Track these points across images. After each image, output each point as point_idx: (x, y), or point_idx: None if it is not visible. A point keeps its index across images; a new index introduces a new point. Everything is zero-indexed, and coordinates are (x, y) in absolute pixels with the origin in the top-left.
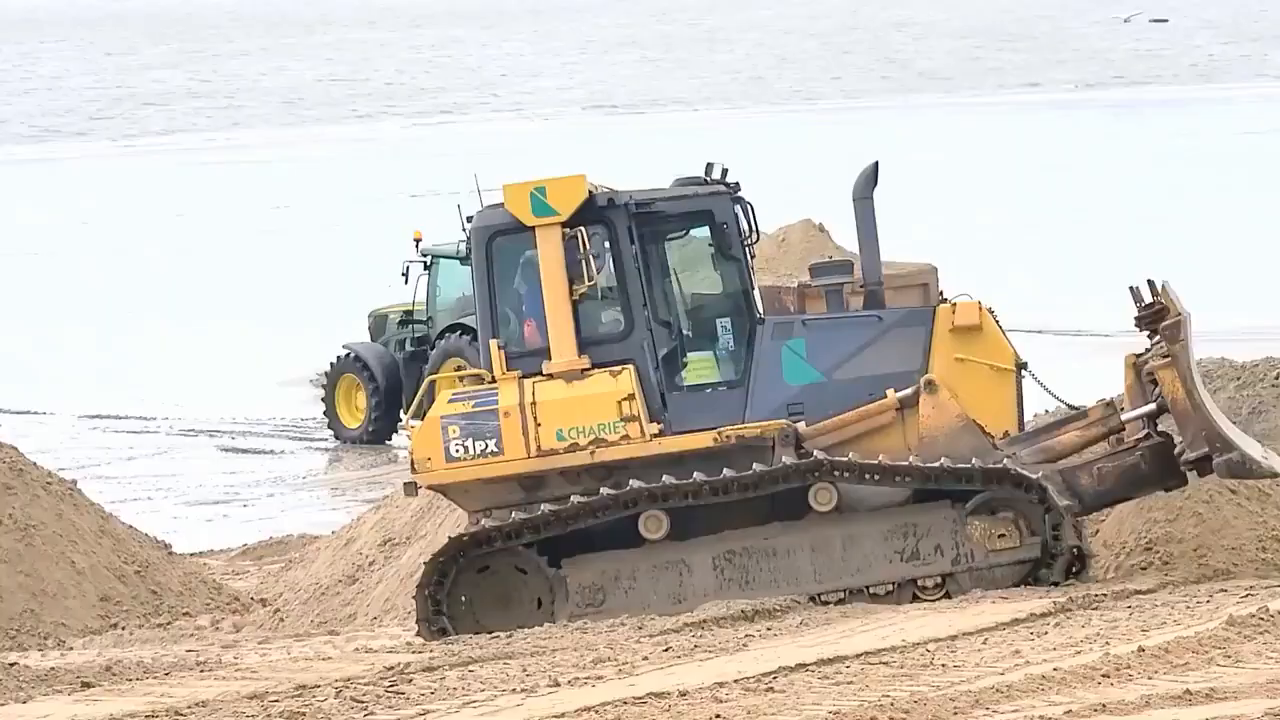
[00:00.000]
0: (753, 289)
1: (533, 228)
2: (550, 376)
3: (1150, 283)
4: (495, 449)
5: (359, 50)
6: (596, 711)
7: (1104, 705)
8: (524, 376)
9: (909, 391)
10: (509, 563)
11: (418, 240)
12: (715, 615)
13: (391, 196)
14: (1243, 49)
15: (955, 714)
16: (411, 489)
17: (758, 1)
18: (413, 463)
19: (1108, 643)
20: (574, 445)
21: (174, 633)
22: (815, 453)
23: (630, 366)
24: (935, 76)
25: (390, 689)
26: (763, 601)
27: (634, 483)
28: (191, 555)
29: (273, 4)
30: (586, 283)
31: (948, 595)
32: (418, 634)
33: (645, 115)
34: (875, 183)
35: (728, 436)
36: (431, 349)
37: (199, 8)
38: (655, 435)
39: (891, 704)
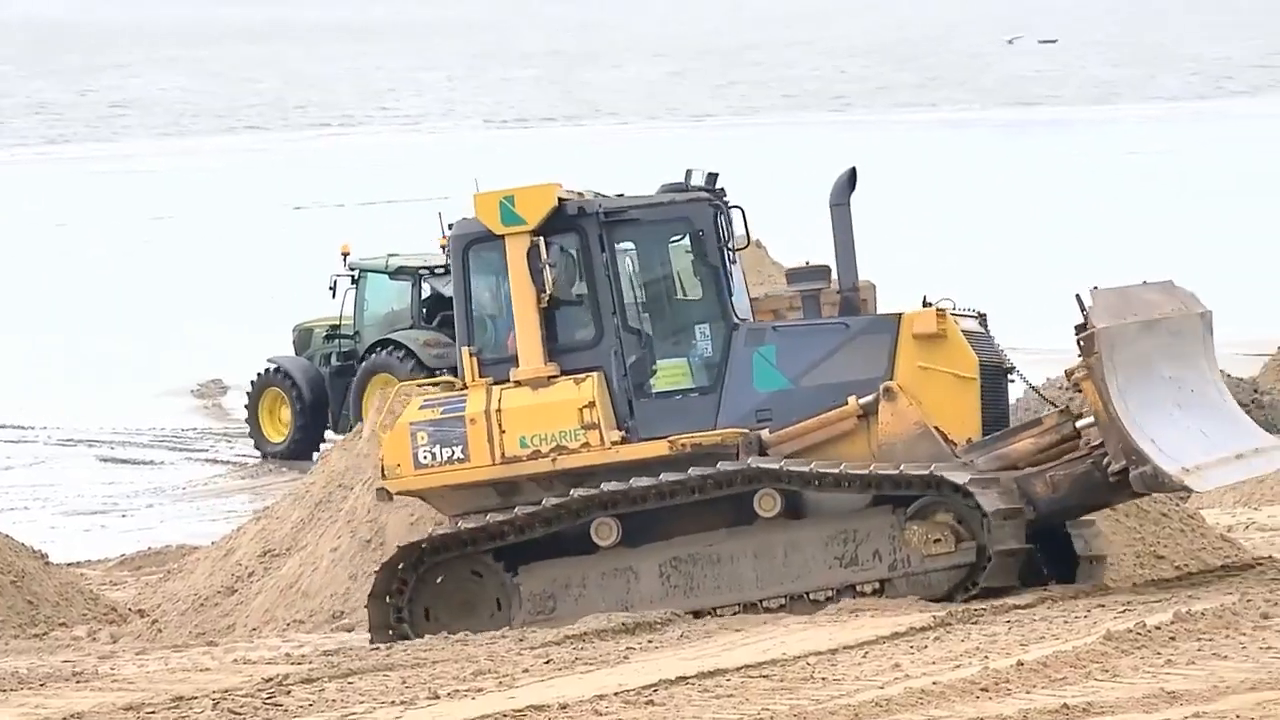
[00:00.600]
0: (731, 295)
1: (503, 236)
2: (518, 384)
3: (1077, 296)
4: (462, 455)
5: (245, 63)
6: None
7: (982, 719)
8: (494, 383)
9: (870, 399)
10: (467, 569)
11: (345, 254)
12: (596, 628)
13: (274, 208)
14: (1130, 70)
15: None
16: (384, 495)
17: (650, 19)
18: (383, 469)
19: (987, 657)
20: (536, 452)
21: (50, 643)
22: (750, 460)
23: (596, 374)
24: (825, 95)
25: (268, 701)
26: (644, 614)
27: (576, 491)
28: (69, 565)
29: (151, 16)
30: (544, 292)
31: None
32: (371, 641)
33: (540, 129)
34: (853, 188)
35: (683, 445)
36: (359, 364)
37: (77, 18)
38: (616, 443)
39: (771, 717)
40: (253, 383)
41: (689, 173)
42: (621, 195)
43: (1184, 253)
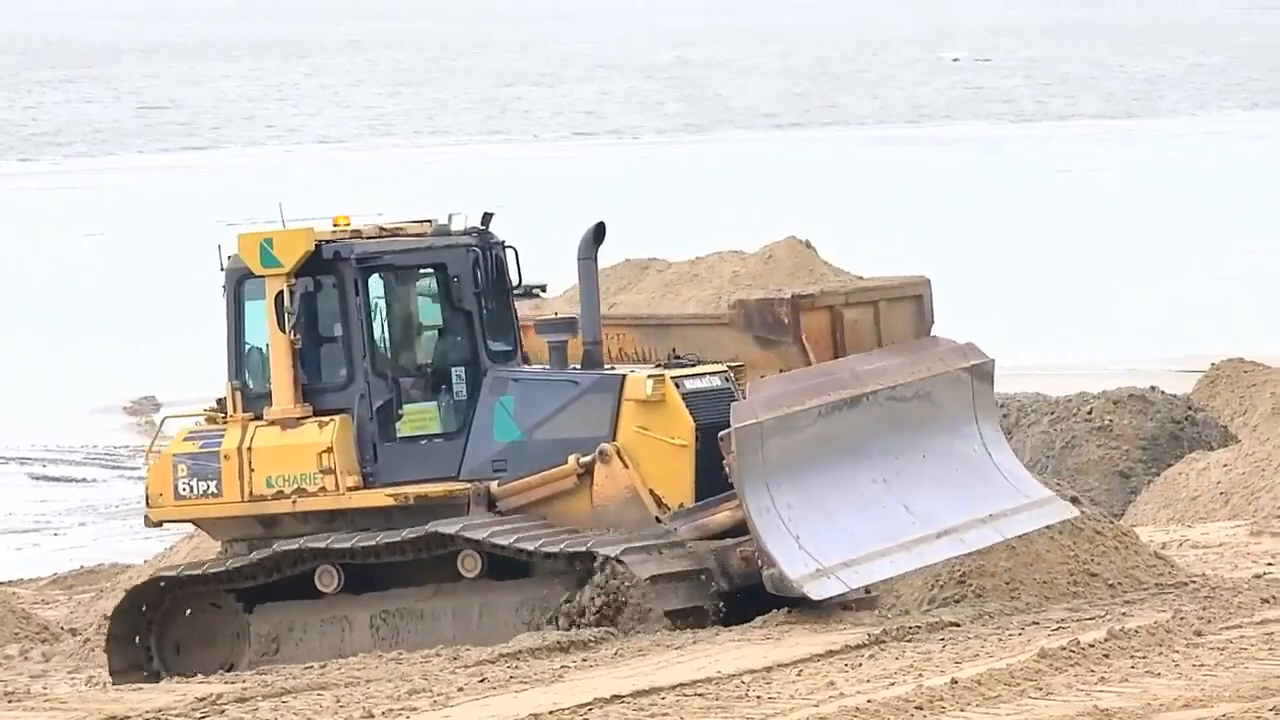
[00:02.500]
0: (484, 341)
1: (263, 276)
2: (271, 423)
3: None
4: (215, 490)
5: (166, 81)
6: None
7: None
8: (253, 419)
9: (589, 459)
10: (211, 605)
11: None
12: (531, 646)
13: (206, 225)
14: (1063, 89)
15: None
16: (149, 522)
17: (592, 38)
18: (147, 497)
19: (921, 674)
20: (280, 493)
21: None
22: (434, 525)
23: (341, 417)
24: (758, 113)
25: None
26: (579, 632)
27: (279, 544)
28: (0, 584)
29: (74, 34)
30: (287, 335)
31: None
32: (115, 683)
33: (470, 147)
34: (600, 242)
35: (406, 497)
36: None
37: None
38: (351, 489)
39: None
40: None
41: (450, 216)
42: (396, 231)
43: (1116, 270)
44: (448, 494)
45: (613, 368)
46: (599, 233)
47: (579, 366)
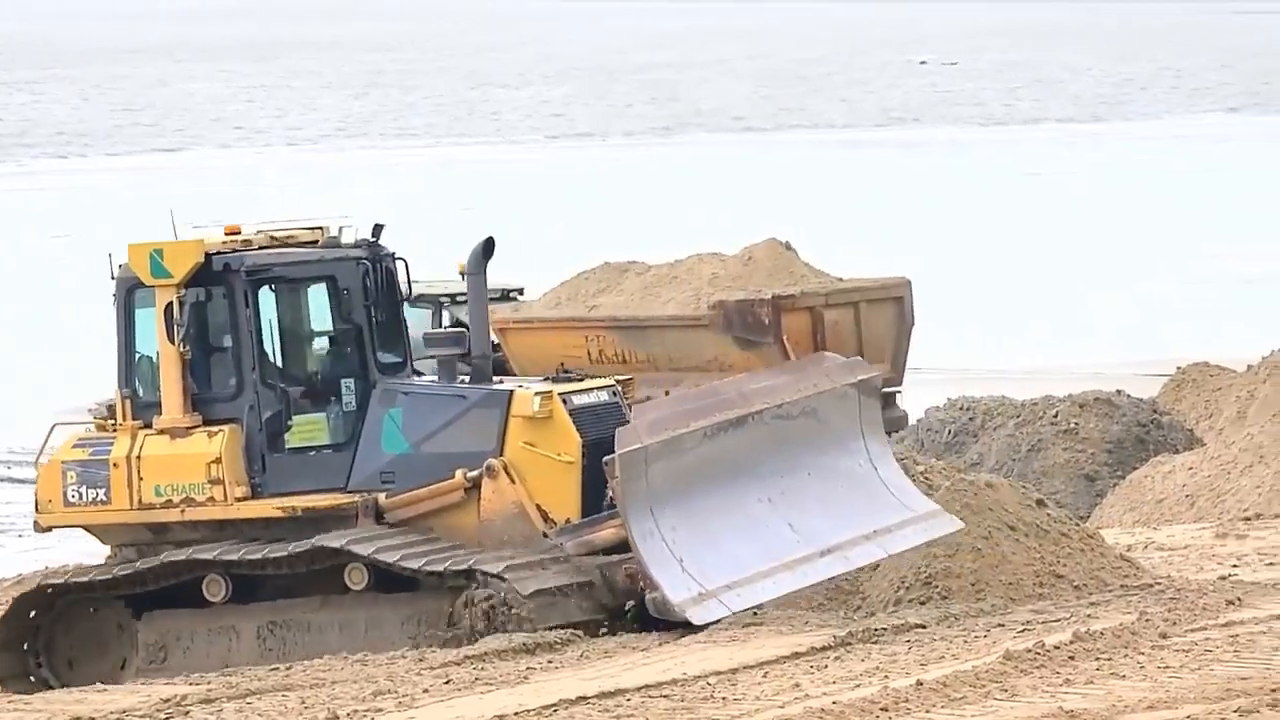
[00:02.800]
0: (374, 353)
1: (153, 287)
2: (160, 432)
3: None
4: (104, 498)
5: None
6: None
7: None
8: (143, 428)
9: (476, 473)
10: (102, 612)
11: None
12: (496, 648)
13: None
14: (1030, 92)
15: None
16: (38, 527)
17: (567, 39)
18: (37, 503)
19: (886, 676)
20: (169, 502)
21: None
22: (320, 539)
23: (230, 427)
24: (727, 115)
25: None
26: (544, 634)
27: (167, 554)
28: None
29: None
30: (177, 346)
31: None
32: (6, 691)
33: (432, 149)
34: (488, 257)
35: (294, 508)
36: None
37: None
38: (240, 499)
39: None
40: None
41: (341, 228)
42: (286, 241)
43: (1083, 274)
44: (336, 505)
45: (501, 382)
46: (488, 248)
47: (467, 380)
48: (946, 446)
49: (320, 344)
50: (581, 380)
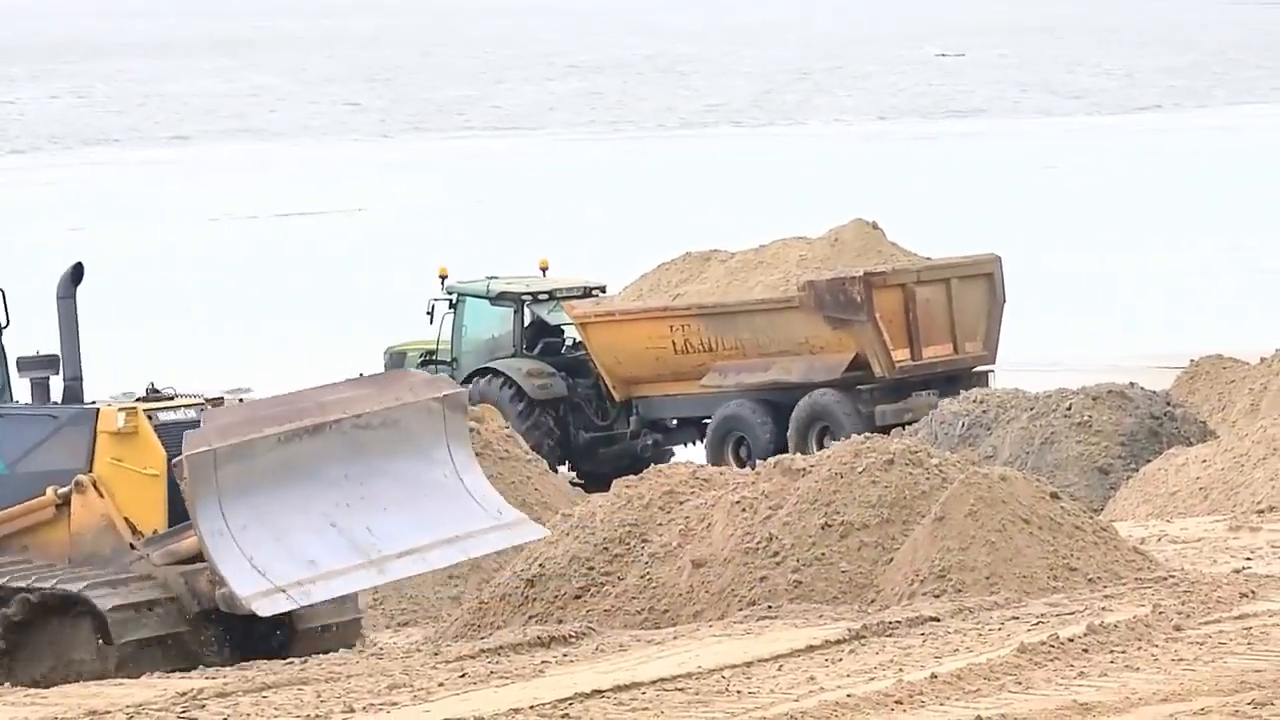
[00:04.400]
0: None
1: None
2: None
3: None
4: None
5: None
6: None
7: None
8: None
9: (66, 490)
10: None
11: (443, 276)
12: (511, 641)
13: (192, 220)
14: (1042, 83)
15: None
16: None
17: (567, 34)
18: None
19: (901, 669)
20: None
21: None
22: None
23: None
24: (730, 109)
25: (182, 715)
26: (558, 627)
27: None
28: None
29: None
30: None
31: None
32: None
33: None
34: (77, 282)
35: None
36: None
37: None
38: None
39: None
40: None
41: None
42: None
43: (1097, 266)
44: None
45: (93, 402)
46: (77, 273)
47: (60, 401)
48: (960, 439)
49: None
50: (170, 399)
